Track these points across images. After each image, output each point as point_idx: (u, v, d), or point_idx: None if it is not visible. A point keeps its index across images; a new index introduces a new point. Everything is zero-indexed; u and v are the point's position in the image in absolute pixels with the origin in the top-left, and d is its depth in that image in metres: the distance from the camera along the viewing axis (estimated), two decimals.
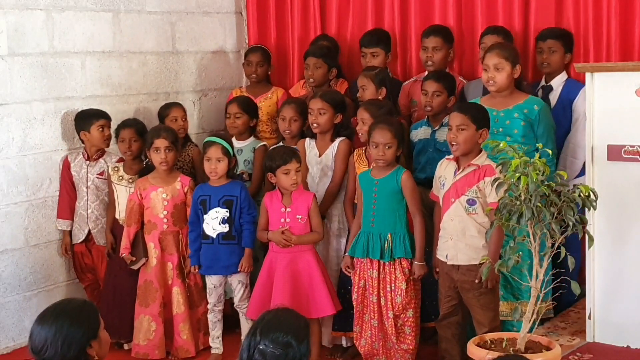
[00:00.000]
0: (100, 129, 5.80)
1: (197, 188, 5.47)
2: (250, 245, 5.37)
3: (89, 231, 5.86)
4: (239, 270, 5.36)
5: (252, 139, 6.00)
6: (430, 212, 5.11)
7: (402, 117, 5.70)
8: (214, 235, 5.35)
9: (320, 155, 5.57)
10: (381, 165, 5.03)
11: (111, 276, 5.77)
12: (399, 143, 5.00)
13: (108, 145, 5.91)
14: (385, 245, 4.98)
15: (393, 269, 5.00)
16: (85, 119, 5.82)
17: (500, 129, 5.20)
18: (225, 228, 5.34)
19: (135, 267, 5.53)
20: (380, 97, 5.63)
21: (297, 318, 3.18)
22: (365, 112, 5.33)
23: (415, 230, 5.01)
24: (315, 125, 5.53)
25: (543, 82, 5.73)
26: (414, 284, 5.01)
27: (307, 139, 5.65)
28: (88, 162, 5.86)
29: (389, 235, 4.99)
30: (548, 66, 5.68)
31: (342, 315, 5.28)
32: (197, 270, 5.45)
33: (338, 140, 5.55)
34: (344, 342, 5.47)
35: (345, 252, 5.27)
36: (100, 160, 5.87)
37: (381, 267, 5.02)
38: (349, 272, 5.15)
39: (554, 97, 5.63)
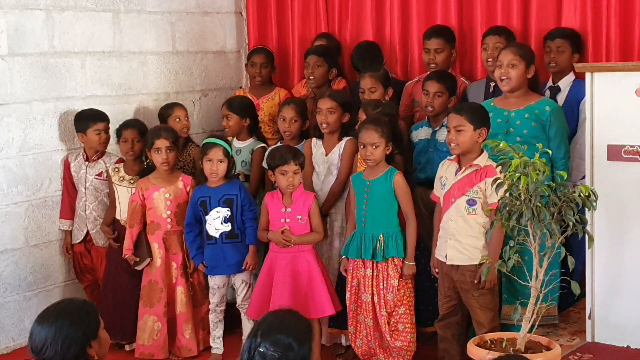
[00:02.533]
0: (97, 133, 5.77)
1: (195, 190, 5.45)
2: (254, 242, 5.36)
3: (88, 232, 5.86)
4: (243, 268, 5.36)
5: (251, 140, 5.97)
6: (431, 212, 5.11)
7: (400, 118, 5.69)
8: (217, 235, 5.35)
9: (326, 154, 5.55)
10: (370, 164, 5.04)
11: (110, 277, 5.75)
12: (387, 142, 4.99)
13: (105, 148, 5.88)
14: (378, 245, 4.98)
15: (386, 267, 5.01)
16: (83, 121, 5.79)
17: (511, 129, 5.12)
18: (227, 227, 5.34)
19: (139, 268, 5.52)
20: (387, 98, 5.63)
21: (299, 320, 3.14)
22: (363, 113, 5.34)
23: (408, 231, 5.01)
24: (324, 125, 5.49)
25: (550, 83, 5.66)
26: (405, 282, 5.01)
27: (314, 139, 5.63)
28: (87, 162, 5.85)
29: (381, 236, 4.99)
30: (556, 66, 5.61)
31: (340, 312, 5.26)
32: (204, 267, 5.44)
33: (345, 139, 5.52)
34: (342, 341, 5.46)
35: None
36: (100, 161, 5.84)
37: (374, 266, 5.02)
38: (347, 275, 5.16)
39: (561, 98, 5.57)
